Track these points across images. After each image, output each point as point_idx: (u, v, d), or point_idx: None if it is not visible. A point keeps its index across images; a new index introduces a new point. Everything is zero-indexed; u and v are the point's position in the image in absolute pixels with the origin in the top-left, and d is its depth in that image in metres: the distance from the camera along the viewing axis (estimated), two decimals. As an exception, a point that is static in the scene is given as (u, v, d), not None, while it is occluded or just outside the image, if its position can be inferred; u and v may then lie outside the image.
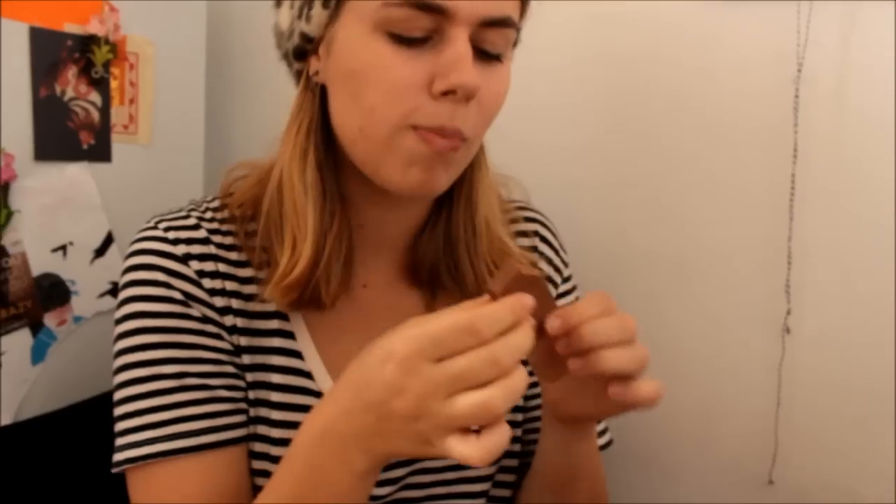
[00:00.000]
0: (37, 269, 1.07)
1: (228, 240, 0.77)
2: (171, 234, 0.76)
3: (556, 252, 0.93)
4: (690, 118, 1.04)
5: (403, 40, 0.66)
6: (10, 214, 1.03)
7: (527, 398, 0.89)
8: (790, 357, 0.99)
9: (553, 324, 0.61)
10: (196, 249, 0.75)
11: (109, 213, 1.16)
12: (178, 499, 0.71)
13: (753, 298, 1.01)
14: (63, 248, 1.11)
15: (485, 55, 0.69)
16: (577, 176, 1.14)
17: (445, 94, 0.66)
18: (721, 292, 1.04)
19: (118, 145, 1.18)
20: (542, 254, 0.91)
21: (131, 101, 1.20)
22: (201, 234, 0.77)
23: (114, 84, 1.16)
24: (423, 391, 0.53)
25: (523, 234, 0.91)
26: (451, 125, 0.67)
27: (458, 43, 0.66)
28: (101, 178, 1.15)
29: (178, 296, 0.73)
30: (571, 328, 0.61)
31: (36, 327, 1.08)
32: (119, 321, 0.75)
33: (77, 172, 1.12)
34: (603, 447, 0.89)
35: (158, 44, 1.22)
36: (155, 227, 0.76)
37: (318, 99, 0.74)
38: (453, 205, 0.81)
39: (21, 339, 1.06)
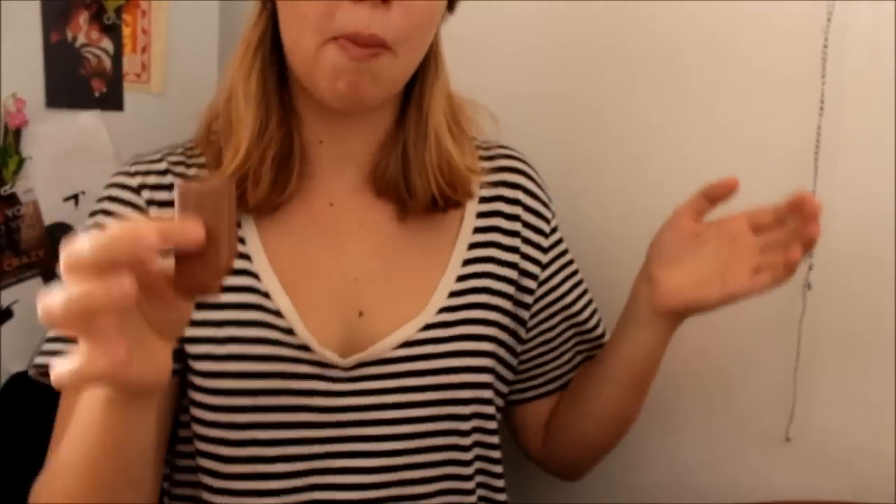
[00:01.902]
0: (49, 218, 1.06)
1: (192, 171, 0.84)
2: (133, 168, 0.84)
3: (544, 204, 0.94)
4: (715, 67, 1.02)
5: None
6: (21, 161, 1.01)
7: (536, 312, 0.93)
8: (811, 313, 0.97)
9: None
10: (151, 180, 0.82)
11: (121, 163, 1.14)
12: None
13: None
14: (75, 196, 1.09)
15: None
16: (598, 126, 1.11)
17: None
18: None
19: (130, 94, 1.16)
20: (527, 207, 0.92)
21: (144, 49, 1.17)
22: (161, 166, 0.84)
23: (126, 31, 1.14)
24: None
25: (506, 185, 0.92)
26: (367, 31, 0.71)
27: None
28: (113, 127, 1.13)
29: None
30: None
31: (48, 276, 1.07)
32: None
33: (89, 120, 1.10)
34: None
35: (171, -10, 1.20)
36: (124, 165, 0.85)
37: (269, 16, 0.79)
38: (406, 114, 0.84)
39: (34, 289, 1.05)
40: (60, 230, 1.08)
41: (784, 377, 0.99)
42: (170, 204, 0.79)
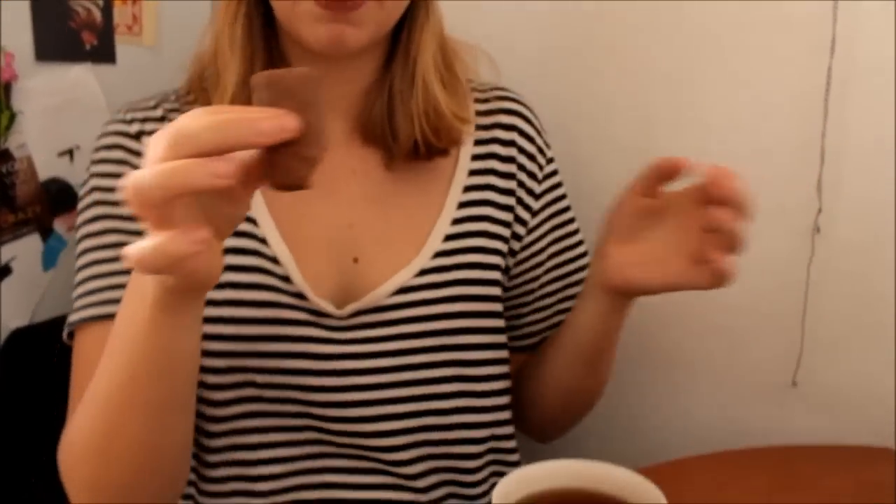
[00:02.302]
0: (43, 174, 1.04)
1: (187, 110, 0.80)
2: (129, 115, 0.83)
3: (539, 148, 0.92)
4: (721, 5, 0.99)
5: None
6: (12, 116, 0.99)
7: (512, 277, 0.91)
8: (819, 258, 0.96)
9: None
10: (149, 126, 0.81)
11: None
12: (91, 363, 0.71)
13: (784, 196, 0.98)
14: (70, 151, 1.07)
15: None
16: (603, 77, 1.09)
17: None
18: (751, 187, 1.00)
19: (122, 46, 1.13)
20: (522, 150, 0.90)
21: (134, 1, 1.15)
22: (158, 112, 0.83)
23: (115, -19, 1.11)
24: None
25: (501, 126, 0.90)
26: None
27: None
28: (105, 81, 1.11)
29: (129, 169, 0.77)
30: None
31: (46, 232, 1.05)
32: (80, 198, 0.83)
33: (80, 74, 1.08)
34: None
35: (161, -63, 1.17)
36: (118, 113, 0.84)
37: None
38: (393, 59, 0.83)
39: (31, 245, 1.04)
40: (55, 185, 1.06)
41: (792, 321, 0.98)
42: None
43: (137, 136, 0.81)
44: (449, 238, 0.84)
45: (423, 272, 0.82)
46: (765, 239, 1.00)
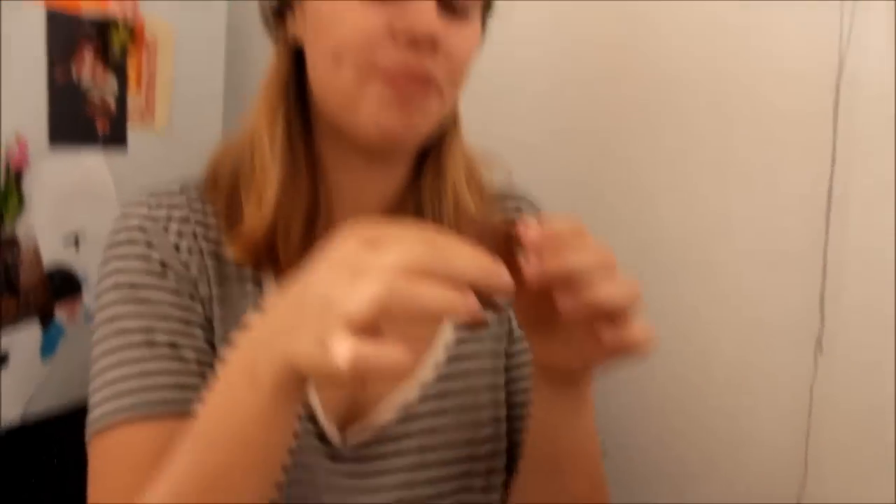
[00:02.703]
0: (48, 260, 1.04)
1: (209, 207, 0.79)
2: (154, 201, 0.79)
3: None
4: (725, 118, 1.01)
5: None
6: (22, 203, 0.99)
7: (510, 382, 0.86)
8: (823, 376, 0.95)
9: (526, 234, 0.57)
10: (176, 214, 0.78)
11: (124, 201, 1.12)
12: (129, 464, 0.68)
13: (786, 311, 0.98)
14: (76, 239, 1.07)
15: (451, 10, 0.71)
16: (609, 174, 1.10)
17: (409, 41, 0.68)
18: (752, 302, 1.01)
19: (134, 133, 1.14)
20: None
21: (148, 88, 1.16)
22: (182, 200, 0.79)
23: (131, 69, 1.12)
24: (341, 270, 0.51)
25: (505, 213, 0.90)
26: (418, 65, 0.69)
27: None
28: (116, 167, 1.11)
29: (155, 256, 0.75)
30: (546, 238, 0.57)
31: (46, 320, 1.04)
32: (98, 283, 0.77)
33: (92, 160, 1.08)
34: None
35: (178, 29, 1.18)
36: (140, 198, 0.80)
37: (292, 59, 0.77)
38: (423, 171, 0.82)
39: (30, 333, 1.03)
40: (59, 272, 1.05)
41: (796, 440, 0.97)
42: (197, 241, 0.77)
43: (165, 226, 0.77)
44: (452, 345, 0.82)
45: (425, 392, 0.80)
46: (766, 355, 1.00)
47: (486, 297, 0.53)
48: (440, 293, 0.49)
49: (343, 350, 0.48)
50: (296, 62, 0.77)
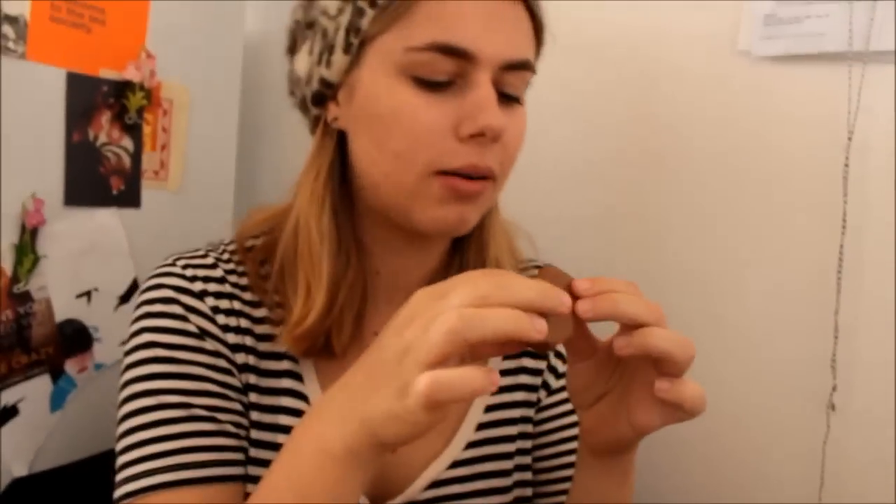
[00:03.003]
0: (60, 315, 1.06)
1: (243, 280, 0.77)
2: (189, 272, 0.75)
3: None
4: (736, 183, 1.02)
5: (428, 84, 0.67)
6: (36, 259, 1.01)
7: (538, 423, 0.86)
8: (835, 436, 0.94)
9: (581, 285, 0.58)
10: (212, 287, 0.75)
11: (136, 260, 1.15)
12: None
13: (798, 372, 0.97)
14: (88, 293, 1.09)
15: (505, 97, 0.70)
16: (622, 238, 1.11)
17: (473, 136, 0.67)
18: (765, 364, 1.00)
19: (148, 191, 1.17)
20: None
21: (163, 148, 1.19)
22: (218, 272, 0.77)
23: (146, 130, 1.15)
24: (415, 323, 0.53)
25: None
26: (483, 163, 0.68)
27: (483, 86, 0.67)
28: (129, 225, 1.14)
29: (193, 329, 0.73)
30: (599, 292, 0.58)
31: (56, 374, 1.06)
32: (130, 351, 0.73)
33: (106, 218, 1.11)
34: None
35: (193, 90, 1.22)
36: (173, 265, 0.76)
37: (336, 144, 0.75)
38: (465, 247, 0.81)
39: (40, 386, 1.04)
40: (71, 326, 1.07)
41: (809, 497, 0.96)
42: (233, 313, 0.75)
43: (200, 296, 0.75)
44: (482, 427, 0.81)
45: (456, 464, 0.79)
46: (779, 415, 0.99)
47: (541, 343, 0.55)
48: (509, 313, 0.51)
49: (421, 384, 0.50)
50: (340, 146, 0.75)
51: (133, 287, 1.15)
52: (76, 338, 1.08)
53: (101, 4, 1.07)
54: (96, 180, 1.09)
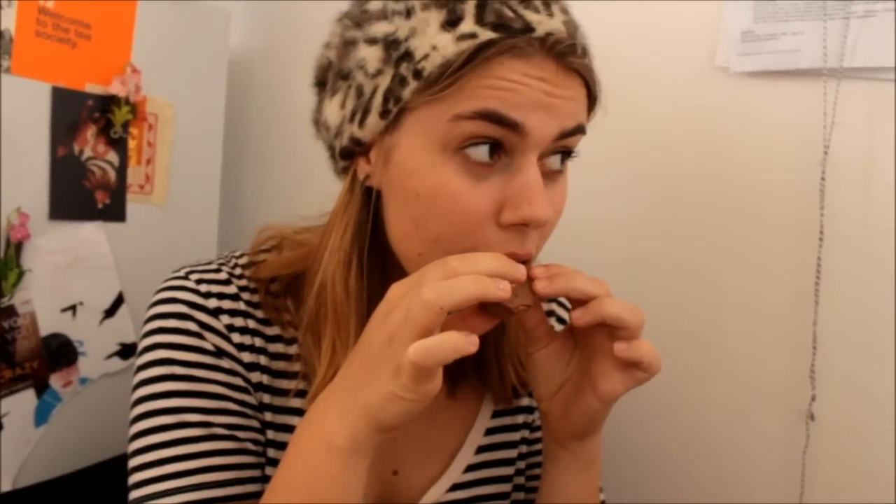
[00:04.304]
0: (45, 329, 1.06)
1: (255, 298, 0.75)
2: (203, 287, 0.73)
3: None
4: (714, 197, 1.03)
5: (472, 163, 0.62)
6: (21, 274, 1.01)
7: (531, 442, 0.86)
8: (814, 445, 0.96)
9: (537, 268, 0.63)
10: (227, 304, 0.73)
11: (121, 274, 1.15)
12: None
13: (777, 382, 0.98)
14: (73, 307, 1.09)
15: (550, 171, 0.66)
16: (600, 252, 1.12)
17: (514, 225, 0.63)
18: (744, 375, 1.02)
19: (133, 205, 1.17)
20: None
21: (148, 162, 1.19)
22: (231, 289, 0.74)
23: (132, 144, 1.16)
24: (394, 315, 0.57)
25: None
26: (524, 251, 0.64)
27: (529, 171, 0.62)
28: (114, 238, 1.14)
29: (209, 347, 0.71)
30: (553, 274, 0.63)
31: (41, 388, 1.06)
32: (144, 367, 0.71)
33: (91, 232, 1.11)
34: None
35: (178, 105, 1.22)
36: (186, 278, 0.74)
37: (367, 202, 0.69)
38: None
39: (25, 400, 1.04)
40: (55, 340, 1.07)
41: (789, 507, 0.97)
42: (248, 331, 0.73)
43: (215, 314, 0.73)
44: (481, 450, 0.82)
45: (456, 487, 0.79)
46: (758, 425, 1.01)
47: (507, 309, 0.60)
48: (475, 278, 0.55)
49: (409, 355, 0.53)
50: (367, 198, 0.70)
51: (118, 301, 1.15)
52: (61, 352, 1.08)
53: (86, 20, 1.07)
54: (81, 194, 1.10)
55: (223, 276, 0.75)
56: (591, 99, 0.69)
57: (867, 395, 0.94)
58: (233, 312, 0.74)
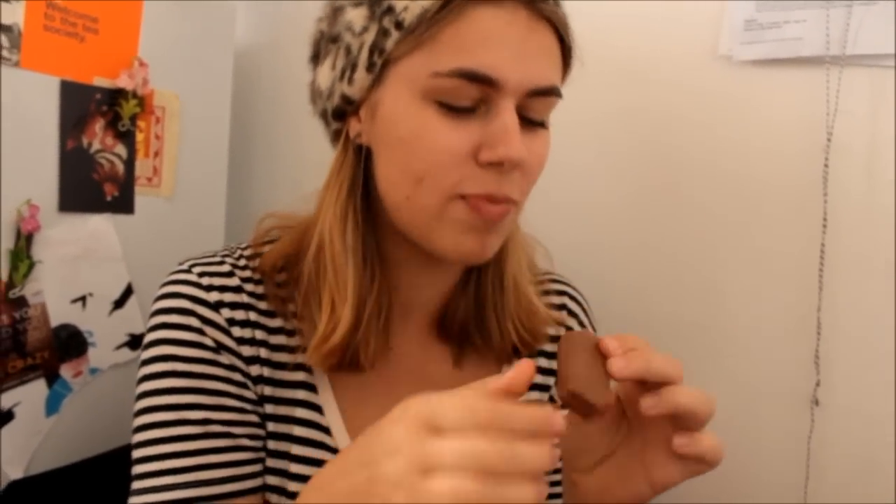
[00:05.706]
0: (55, 320, 1.07)
1: (259, 289, 0.76)
2: (205, 280, 0.74)
3: (580, 321, 0.91)
4: (718, 185, 1.04)
5: (451, 109, 0.66)
6: (31, 265, 1.02)
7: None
8: (819, 430, 0.96)
9: (610, 344, 0.59)
10: (228, 297, 0.74)
11: (130, 265, 1.16)
12: None
13: (782, 369, 0.99)
14: (83, 298, 1.10)
15: (529, 122, 0.69)
16: (606, 240, 1.13)
17: (492, 164, 0.66)
18: (749, 361, 1.02)
19: (141, 197, 1.18)
20: (569, 328, 0.89)
21: (156, 154, 1.20)
22: (234, 282, 0.75)
23: (139, 137, 1.17)
24: (413, 459, 0.49)
25: (552, 306, 0.88)
26: (500, 192, 0.67)
27: (506, 114, 0.65)
28: (123, 230, 1.15)
29: (209, 342, 0.72)
30: (628, 350, 0.59)
31: (51, 378, 1.07)
32: (146, 362, 0.73)
33: (99, 224, 1.12)
34: None
35: (185, 98, 1.23)
36: (189, 271, 0.75)
37: (359, 160, 0.73)
38: (482, 267, 0.80)
39: (36, 390, 1.05)
40: (65, 331, 1.08)
41: (794, 494, 0.97)
42: (249, 324, 0.74)
43: (216, 307, 0.74)
44: None
45: None
46: (764, 411, 1.01)
47: (583, 403, 0.57)
48: (512, 490, 0.47)
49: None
50: (363, 162, 0.73)
51: (127, 292, 1.16)
52: (71, 342, 1.09)
53: (94, 14, 1.08)
54: (90, 187, 1.11)
55: (226, 268, 0.76)
56: (567, 51, 0.71)
57: (872, 379, 0.94)
58: (234, 305, 0.75)
